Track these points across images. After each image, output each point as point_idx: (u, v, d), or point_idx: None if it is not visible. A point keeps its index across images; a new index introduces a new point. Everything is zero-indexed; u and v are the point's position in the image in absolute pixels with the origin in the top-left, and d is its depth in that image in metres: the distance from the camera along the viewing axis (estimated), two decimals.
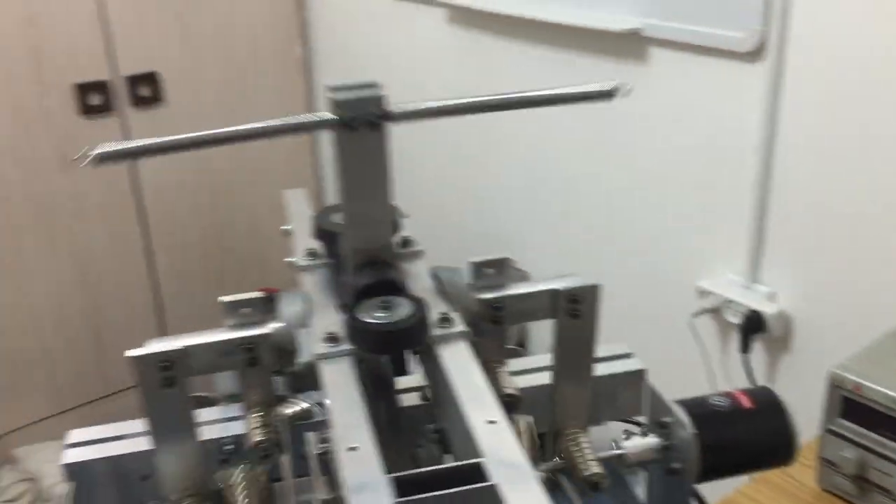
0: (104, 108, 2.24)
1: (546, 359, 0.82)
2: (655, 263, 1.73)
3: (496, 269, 0.69)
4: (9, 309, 2.24)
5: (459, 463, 0.49)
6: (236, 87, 2.46)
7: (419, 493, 0.46)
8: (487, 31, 2.00)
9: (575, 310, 0.69)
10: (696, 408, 0.76)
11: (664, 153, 1.67)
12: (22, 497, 2.18)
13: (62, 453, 0.81)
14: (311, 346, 0.61)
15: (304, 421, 0.71)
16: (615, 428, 0.84)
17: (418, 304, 0.60)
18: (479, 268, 0.68)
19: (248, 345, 0.65)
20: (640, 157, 1.72)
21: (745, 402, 0.77)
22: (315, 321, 0.64)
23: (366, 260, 0.63)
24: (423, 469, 0.48)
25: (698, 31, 1.54)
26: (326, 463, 0.71)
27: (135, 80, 2.28)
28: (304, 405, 0.70)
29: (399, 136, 0.61)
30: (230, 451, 0.82)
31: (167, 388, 0.65)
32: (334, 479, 0.69)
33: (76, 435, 0.83)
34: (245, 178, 2.54)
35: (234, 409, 0.85)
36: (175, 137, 0.56)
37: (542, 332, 2.01)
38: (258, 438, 0.67)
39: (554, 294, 0.68)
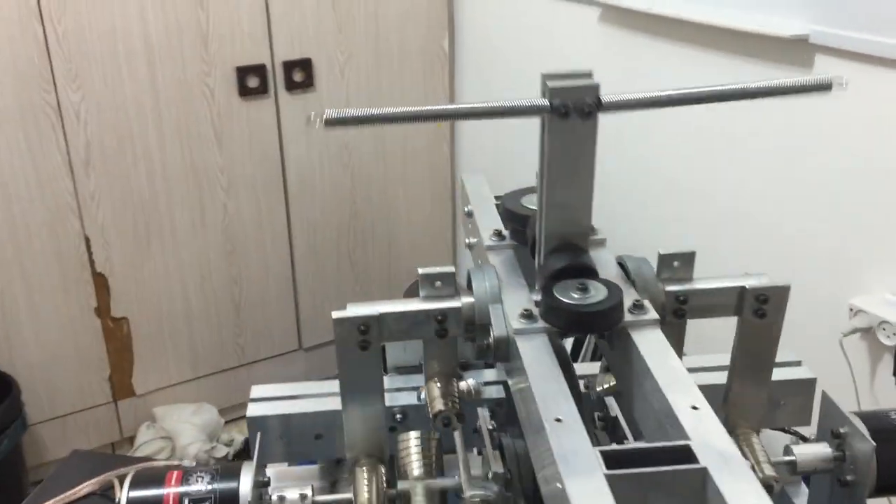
0: (261, 90, 2.33)
1: (714, 358, 0.82)
2: (807, 277, 1.69)
3: (683, 263, 0.69)
4: (161, 275, 2.36)
5: (667, 443, 0.49)
6: (384, 76, 2.52)
7: (626, 468, 0.47)
8: (640, 32, 1.99)
9: (761, 309, 0.68)
10: (874, 420, 0.75)
11: (825, 164, 1.63)
12: (159, 454, 2.31)
13: (249, 406, 0.85)
14: (505, 321, 0.63)
15: (478, 397, 0.73)
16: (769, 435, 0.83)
17: (614, 289, 0.61)
18: (668, 260, 0.69)
19: (440, 316, 0.68)
20: (798, 167, 1.68)
21: None
22: (507, 298, 0.66)
23: (560, 244, 0.65)
24: (630, 445, 0.49)
25: (874, 40, 1.49)
26: (499, 438, 0.73)
27: (290, 66, 2.36)
28: (472, 381, 0.72)
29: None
30: (399, 420, 0.85)
31: (362, 349, 0.68)
32: (506, 453, 0.71)
33: (258, 390, 0.88)
34: (383, 162, 2.60)
35: (401, 381, 0.88)
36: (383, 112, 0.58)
37: None
38: (440, 408, 0.69)
39: (742, 292, 0.68)
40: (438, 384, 0.71)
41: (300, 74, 2.38)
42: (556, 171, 0.62)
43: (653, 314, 0.63)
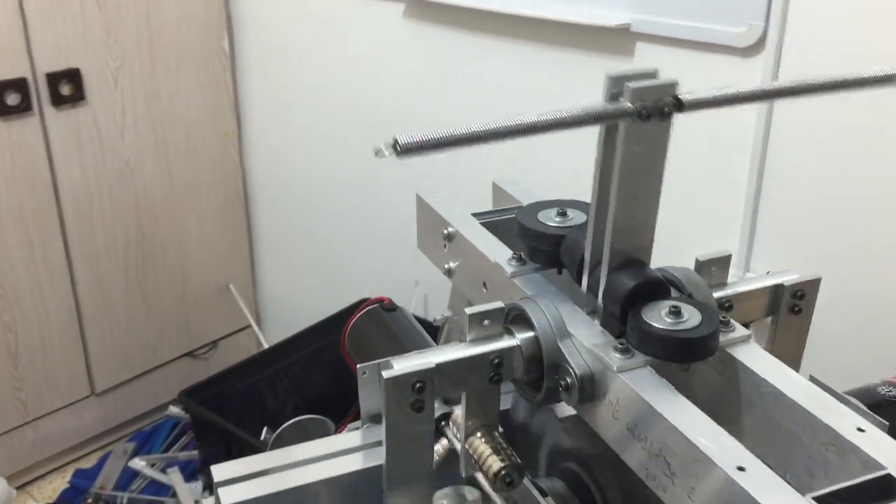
0: (23, 108, 2.03)
1: None
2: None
3: (720, 267, 0.67)
4: None
5: (867, 476, 0.46)
6: (162, 82, 2.30)
7: None
8: (452, 26, 1.96)
9: (797, 305, 0.67)
10: (866, 397, 0.76)
11: None
12: None
13: (218, 492, 0.72)
14: (583, 356, 0.57)
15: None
16: None
17: (704, 308, 0.57)
18: (707, 265, 0.66)
19: (497, 359, 0.60)
20: None
21: None
22: (577, 329, 0.59)
23: (624, 261, 0.59)
24: (836, 486, 0.45)
25: (692, 26, 1.56)
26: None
27: (55, 78, 2.08)
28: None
29: None
30: None
31: (417, 411, 0.58)
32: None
33: (220, 472, 0.74)
34: (168, 179, 2.39)
35: None
36: (465, 131, 0.50)
37: None
38: (499, 466, 0.61)
39: (777, 289, 0.67)
40: (483, 439, 0.63)
41: (68, 87, 2.11)
42: (629, 180, 0.56)
43: (742, 330, 0.59)
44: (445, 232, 0.76)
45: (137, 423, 2.51)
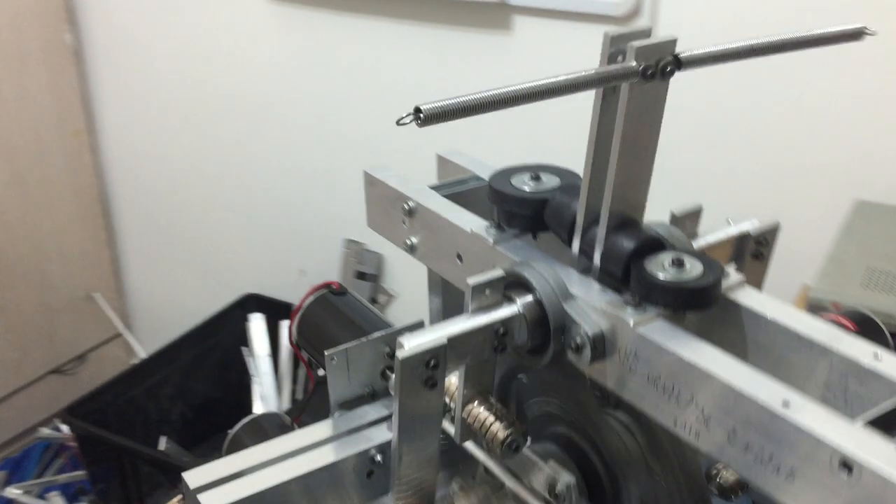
0: None
1: None
2: None
3: (692, 219, 0.68)
4: None
5: None
6: (2, 81, 2.13)
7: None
8: (322, 8, 1.92)
9: (760, 251, 0.70)
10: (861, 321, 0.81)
11: (535, 123, 1.73)
12: None
13: (198, 499, 0.67)
14: (596, 314, 0.57)
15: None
16: None
17: (705, 259, 0.58)
18: (682, 219, 0.67)
19: (502, 328, 0.59)
20: (514, 128, 1.76)
21: (850, 325, 0.84)
22: (578, 290, 0.59)
23: (621, 221, 0.60)
24: (880, 411, 0.47)
25: None
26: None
27: None
28: None
29: None
30: (379, 463, 0.74)
31: (431, 387, 0.57)
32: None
33: (194, 478, 0.69)
34: (17, 186, 2.22)
35: (359, 416, 0.76)
36: (485, 96, 0.48)
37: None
38: (505, 433, 0.60)
39: (744, 238, 0.69)
40: (482, 406, 0.62)
41: None
42: (629, 140, 0.56)
43: (737, 275, 0.61)
44: (406, 207, 0.74)
45: (5, 449, 2.33)
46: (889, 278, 1.17)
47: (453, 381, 0.65)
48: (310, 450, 0.73)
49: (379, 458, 0.74)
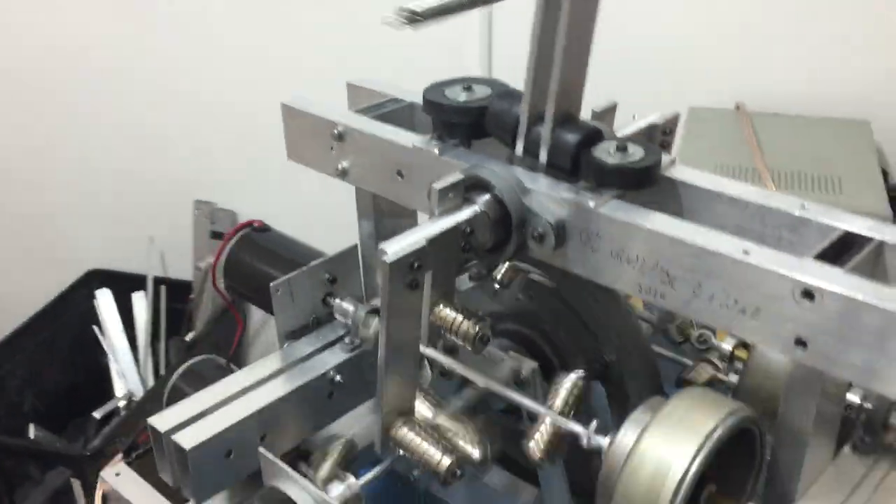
0: None
1: None
2: None
3: (608, 115, 0.74)
4: None
5: (833, 237, 0.56)
6: None
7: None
8: None
9: (666, 140, 0.77)
10: None
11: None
12: None
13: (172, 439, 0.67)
14: (555, 204, 0.62)
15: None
16: None
17: (642, 143, 0.64)
18: (601, 115, 0.73)
19: (468, 228, 0.62)
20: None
21: None
22: (532, 185, 0.64)
23: (565, 117, 0.65)
24: (816, 250, 0.55)
25: None
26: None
27: None
28: None
29: None
30: (338, 383, 0.76)
31: (413, 289, 0.60)
32: None
33: (161, 421, 0.69)
34: None
35: (309, 343, 0.78)
36: None
37: None
38: (475, 330, 0.64)
39: (653, 128, 0.76)
40: (448, 308, 0.66)
41: None
42: (573, 37, 0.61)
43: (668, 155, 0.67)
44: (335, 132, 0.75)
45: None
46: (736, 170, 1.31)
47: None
48: (269, 381, 0.74)
49: (338, 377, 0.76)
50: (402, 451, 0.63)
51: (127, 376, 2.10)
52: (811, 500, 0.61)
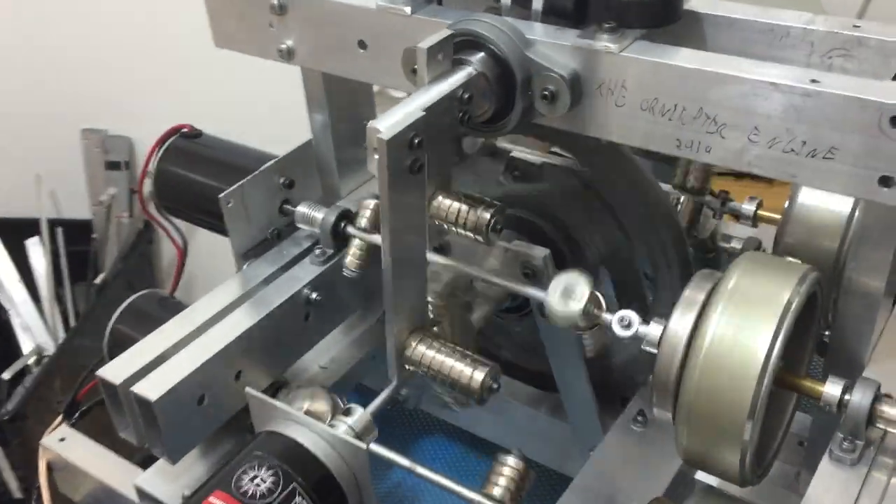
0: None
1: None
2: None
3: None
4: None
5: None
6: None
7: None
8: None
9: None
10: None
11: None
12: None
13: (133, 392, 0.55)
14: (565, 54, 0.51)
15: None
16: None
17: None
18: None
19: (466, 93, 0.52)
20: None
21: None
22: (535, 35, 0.53)
23: None
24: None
25: None
26: None
27: None
28: None
29: None
30: (316, 301, 0.65)
31: (415, 173, 0.49)
32: None
33: (114, 373, 0.57)
34: None
35: (274, 258, 0.67)
36: None
37: None
38: (487, 216, 0.54)
39: None
40: (450, 198, 0.55)
41: None
42: None
43: None
44: (274, 3, 0.62)
45: None
46: None
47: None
48: (233, 309, 0.63)
49: (314, 295, 0.65)
50: (421, 372, 0.53)
51: (33, 331, 1.93)
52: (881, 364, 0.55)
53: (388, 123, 0.47)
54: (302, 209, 0.66)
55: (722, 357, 0.46)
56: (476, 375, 0.52)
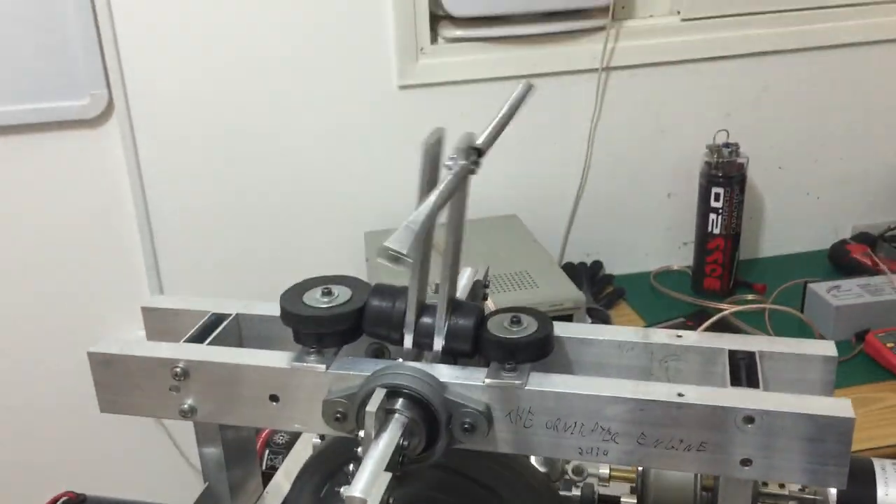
0: None
1: None
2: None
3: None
4: None
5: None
6: None
7: None
8: None
9: (485, 293, 0.81)
10: None
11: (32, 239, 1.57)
12: None
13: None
14: (477, 392, 0.61)
15: None
16: None
17: (528, 311, 0.66)
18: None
19: (406, 440, 0.59)
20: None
21: None
22: (448, 377, 0.62)
23: (455, 305, 0.65)
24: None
25: (31, 108, 1.48)
26: None
27: None
28: None
29: None
30: None
31: None
32: None
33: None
34: None
35: None
36: None
37: None
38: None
39: (477, 284, 0.79)
40: None
41: None
42: (457, 228, 0.61)
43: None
44: (177, 370, 0.65)
45: None
46: None
47: None
48: None
49: None
50: None
51: None
52: None
53: (361, 486, 0.53)
54: None
55: None
56: None
